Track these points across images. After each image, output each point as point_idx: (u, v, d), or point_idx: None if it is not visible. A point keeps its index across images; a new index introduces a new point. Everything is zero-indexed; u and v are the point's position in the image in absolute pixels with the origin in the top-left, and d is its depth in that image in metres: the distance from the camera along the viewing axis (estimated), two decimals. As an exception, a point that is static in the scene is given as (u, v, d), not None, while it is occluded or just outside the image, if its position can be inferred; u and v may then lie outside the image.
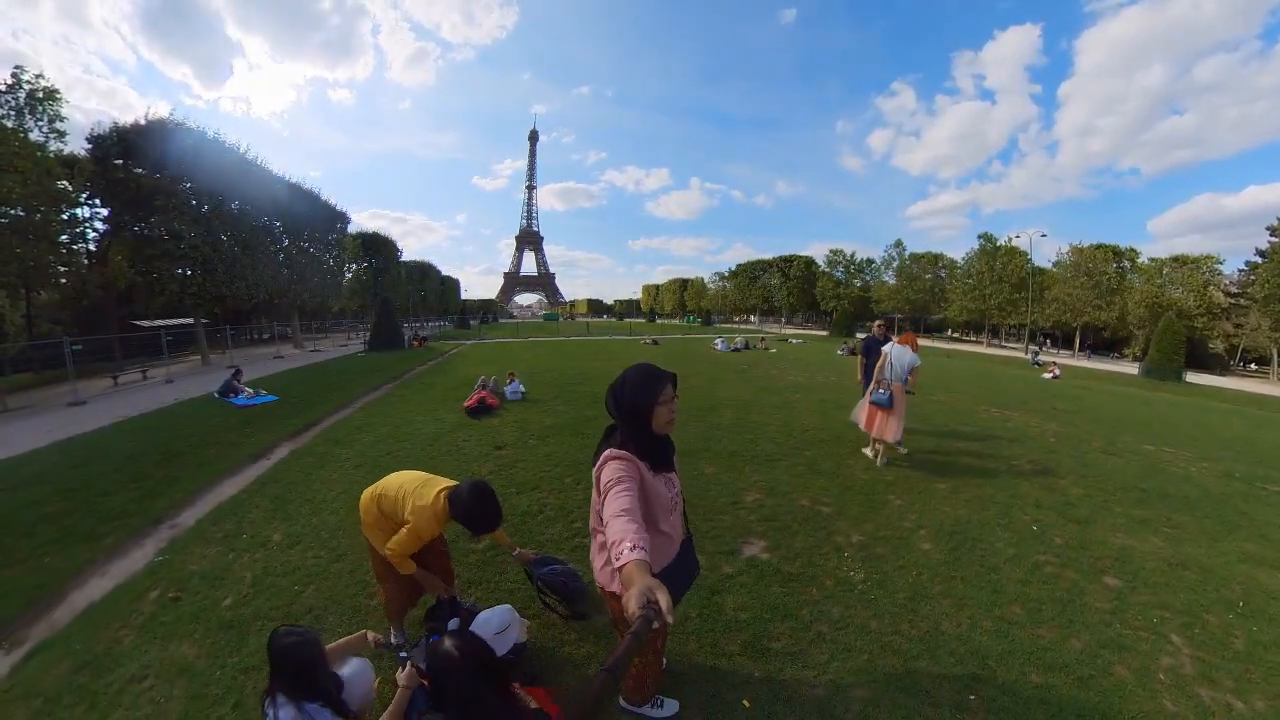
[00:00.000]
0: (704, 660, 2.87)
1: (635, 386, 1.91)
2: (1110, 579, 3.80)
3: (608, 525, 1.55)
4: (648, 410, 1.90)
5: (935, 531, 4.45)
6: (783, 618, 3.26)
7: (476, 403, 9.26)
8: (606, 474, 1.77)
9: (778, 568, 3.88)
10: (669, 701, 2.50)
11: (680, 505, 2.18)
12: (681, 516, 2.22)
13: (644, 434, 1.93)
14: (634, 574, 1.24)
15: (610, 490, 1.69)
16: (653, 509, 1.95)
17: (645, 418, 1.91)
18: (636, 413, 1.90)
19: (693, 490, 5.35)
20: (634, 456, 1.86)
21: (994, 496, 5.32)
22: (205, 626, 3.13)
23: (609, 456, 1.84)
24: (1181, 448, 8.11)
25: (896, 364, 6.05)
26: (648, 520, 1.87)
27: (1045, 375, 18.79)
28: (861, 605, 3.43)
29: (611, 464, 1.80)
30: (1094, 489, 5.74)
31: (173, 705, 2.50)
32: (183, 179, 17.00)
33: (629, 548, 1.35)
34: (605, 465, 1.82)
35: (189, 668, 2.76)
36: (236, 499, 5.30)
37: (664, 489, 2.00)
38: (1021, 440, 7.84)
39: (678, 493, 2.13)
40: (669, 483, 2.06)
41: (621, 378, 1.95)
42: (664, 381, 1.93)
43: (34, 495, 5.23)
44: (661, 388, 1.91)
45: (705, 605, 3.35)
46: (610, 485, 1.71)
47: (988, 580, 3.71)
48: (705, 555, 4.02)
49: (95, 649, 2.95)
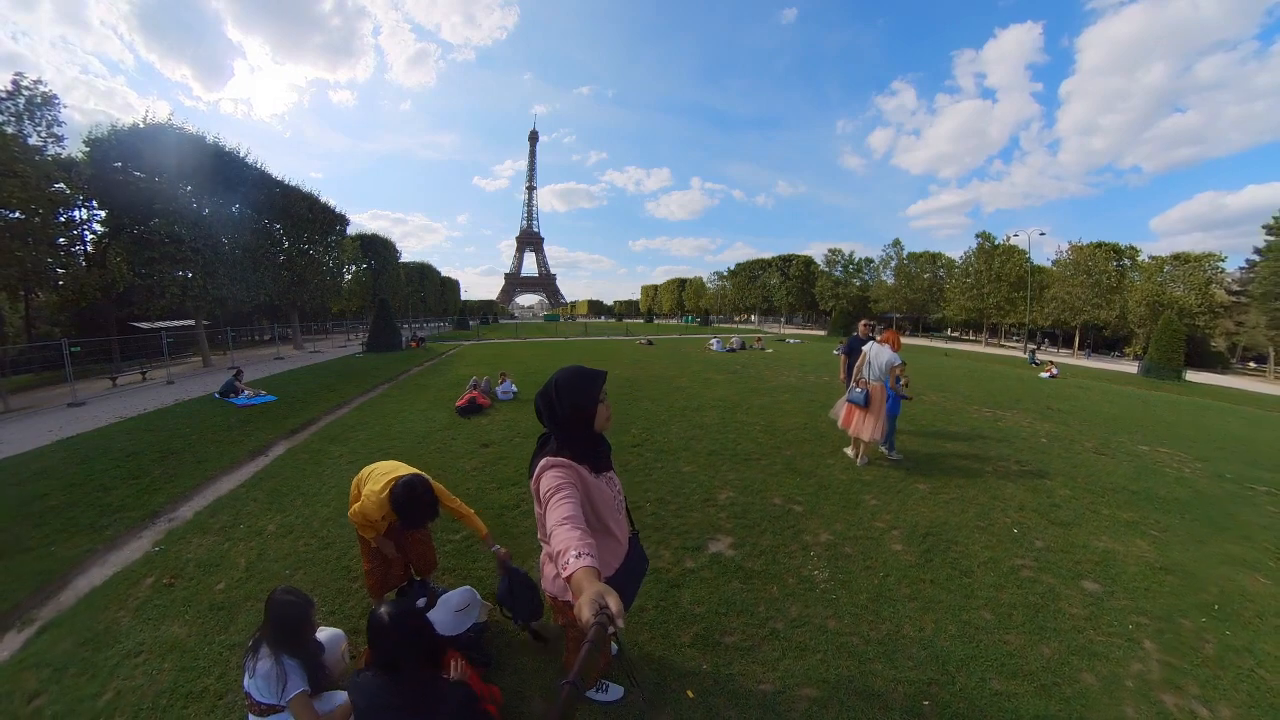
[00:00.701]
0: (654, 650, 2.90)
1: (573, 390, 1.87)
2: (1089, 584, 3.66)
3: (552, 535, 1.51)
4: (589, 412, 1.87)
5: (909, 533, 4.31)
6: (738, 613, 3.24)
7: (467, 402, 9.46)
8: (545, 483, 1.72)
9: (740, 564, 3.83)
10: (614, 686, 2.54)
11: (623, 503, 2.16)
12: (626, 514, 2.19)
13: (585, 437, 1.90)
14: (583, 581, 1.23)
15: (551, 499, 1.65)
16: (598, 511, 1.92)
17: (587, 419, 1.88)
18: (578, 416, 1.86)
19: (667, 488, 5.36)
20: (572, 461, 1.82)
21: (976, 498, 5.17)
22: (196, 609, 3.37)
23: (546, 465, 1.78)
24: (1176, 448, 7.94)
25: (875, 363, 5.96)
26: (594, 523, 1.88)
27: (1043, 374, 18.60)
28: (821, 604, 3.33)
29: (549, 473, 1.75)
30: (1082, 491, 5.59)
31: (163, 675, 2.75)
32: (182, 182, 17.06)
33: (575, 555, 1.33)
34: (543, 475, 1.76)
35: (179, 645, 3.01)
36: (234, 493, 5.54)
37: (606, 489, 1.98)
38: (1012, 441, 7.68)
39: (619, 491, 2.12)
40: (610, 482, 2.04)
41: (554, 382, 1.90)
42: (600, 381, 1.92)
43: (40, 489, 5.43)
44: (599, 387, 1.91)
45: (663, 598, 3.40)
46: (550, 494, 1.66)
47: (959, 584, 3.57)
48: (670, 550, 4.04)
49: (96, 628, 3.23)
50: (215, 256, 18.43)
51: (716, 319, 77.00)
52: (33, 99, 16.18)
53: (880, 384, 5.90)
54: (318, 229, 26.83)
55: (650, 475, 5.77)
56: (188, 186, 17.31)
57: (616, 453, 6.52)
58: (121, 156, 15.96)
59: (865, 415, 5.90)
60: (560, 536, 1.45)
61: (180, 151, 16.85)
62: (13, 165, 13.79)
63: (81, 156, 16.27)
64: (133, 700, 2.59)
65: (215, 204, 18.60)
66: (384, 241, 39.56)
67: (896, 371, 5.81)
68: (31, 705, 2.62)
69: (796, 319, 70.75)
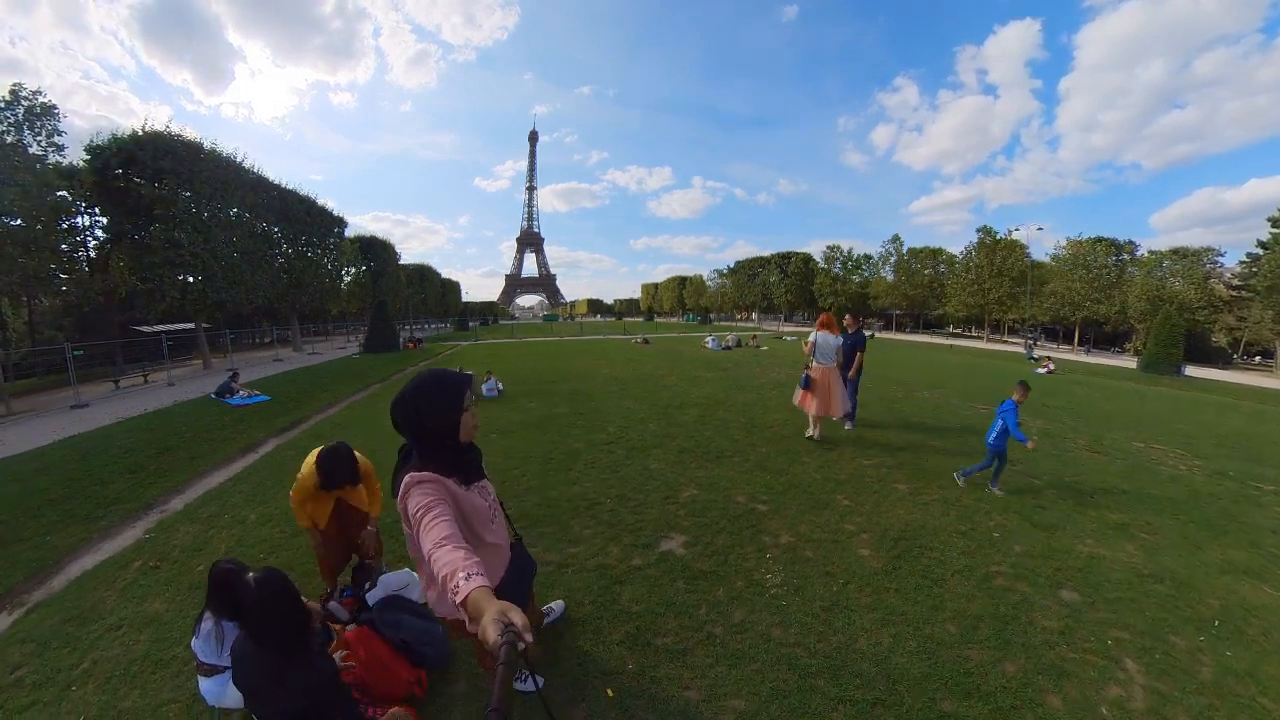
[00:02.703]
0: (583, 645, 2.82)
1: (435, 399, 1.72)
2: (1067, 593, 3.36)
3: (432, 558, 1.38)
4: (454, 422, 1.73)
5: (879, 537, 4.02)
6: (676, 614, 3.07)
7: None
8: (413, 503, 1.57)
9: (689, 564, 3.63)
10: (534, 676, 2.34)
11: (500, 511, 2.05)
12: (505, 521, 2.09)
13: (450, 448, 1.75)
14: (480, 602, 1.17)
15: (423, 520, 1.51)
16: (473, 525, 1.80)
17: (452, 430, 1.73)
18: (442, 427, 1.71)
19: (631, 485, 5.15)
20: (439, 475, 1.67)
21: (958, 500, 4.87)
22: (176, 588, 3.57)
23: (410, 483, 1.62)
24: (1173, 445, 7.64)
25: (820, 347, 6.59)
26: (471, 539, 1.75)
27: (1038, 370, 18.29)
28: (769, 611, 3.09)
29: (415, 491, 1.60)
30: (1070, 491, 5.29)
31: (139, 646, 2.93)
32: (182, 188, 17.32)
33: (465, 577, 1.25)
34: (409, 493, 1.60)
35: (157, 619, 3.19)
36: (222, 487, 5.77)
37: (479, 500, 1.86)
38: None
39: (494, 499, 2.01)
40: (483, 491, 1.92)
41: (414, 390, 1.72)
42: (463, 387, 1.78)
43: (41, 484, 5.68)
44: (462, 394, 1.76)
45: (602, 594, 3.29)
46: (421, 514, 1.52)
47: (926, 593, 3.28)
48: (620, 547, 3.87)
49: (83, 606, 3.41)
50: (214, 260, 18.62)
51: (716, 317, 76.60)
52: (32, 109, 16.45)
53: (828, 366, 6.55)
54: (316, 231, 27.06)
55: (617, 472, 5.53)
56: (186, 192, 17.54)
57: (589, 451, 6.44)
58: (122, 164, 16.14)
59: (809, 395, 6.59)
60: (443, 560, 1.34)
61: (178, 158, 17.08)
62: (14, 174, 14.08)
63: (83, 164, 16.41)
64: (107, 668, 2.77)
65: (213, 208, 18.81)
66: (383, 244, 39.55)
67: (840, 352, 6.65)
68: (13, 675, 2.77)
69: (797, 316, 70.31)
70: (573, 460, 6.02)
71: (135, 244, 16.87)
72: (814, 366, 6.56)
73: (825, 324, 6.72)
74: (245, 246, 20.76)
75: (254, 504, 5.06)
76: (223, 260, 19.15)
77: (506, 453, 6.43)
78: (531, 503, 4.80)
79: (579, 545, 3.95)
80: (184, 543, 4.28)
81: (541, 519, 4.45)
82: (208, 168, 18.48)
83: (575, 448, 6.53)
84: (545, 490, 5.09)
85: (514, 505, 4.76)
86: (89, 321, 23.14)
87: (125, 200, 16.24)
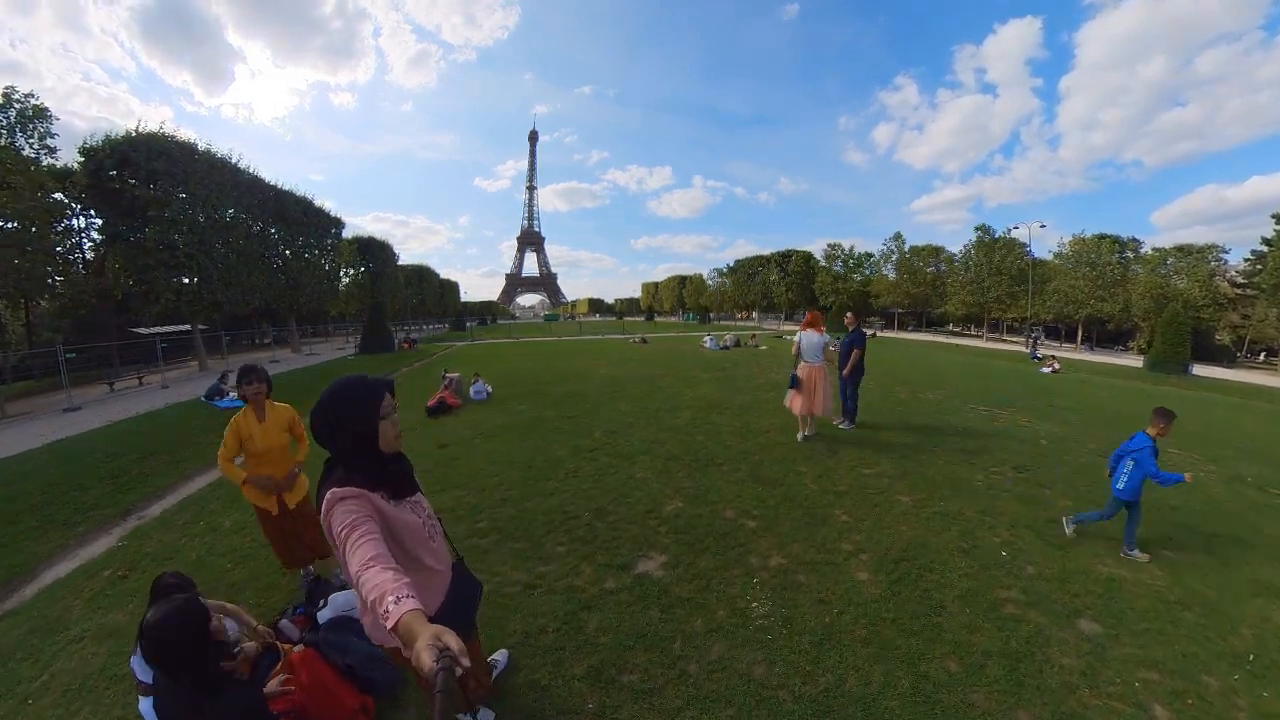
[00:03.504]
0: (541, 678, 2.60)
1: (349, 405, 1.60)
2: (1087, 623, 3.03)
3: (360, 581, 1.27)
4: (371, 430, 1.60)
5: (879, 557, 3.69)
6: (648, 647, 2.77)
7: (437, 403, 9.39)
8: (337, 521, 1.44)
9: (666, 588, 3.30)
10: (485, 711, 2.32)
11: (439, 527, 1.90)
12: (444, 539, 1.93)
13: (371, 459, 1.62)
14: (413, 627, 1.11)
15: (348, 540, 1.38)
16: (406, 545, 1.65)
17: (370, 440, 1.60)
18: (358, 436, 1.59)
19: (612, 496, 4.83)
20: (364, 490, 1.54)
21: (962, 512, 4.54)
22: (141, 598, 3.32)
23: (333, 500, 1.48)
24: (1186, 448, 7.30)
25: (805, 347, 6.65)
26: (405, 558, 1.62)
27: (1044, 369, 17.93)
28: (752, 645, 2.77)
29: (338, 508, 1.46)
30: (1084, 501, 4.96)
31: (97, 659, 2.89)
32: (177, 189, 17.28)
33: (394, 601, 1.17)
34: (332, 511, 1.47)
35: (118, 631, 3.13)
36: (201, 493, 5.68)
37: (412, 516, 1.70)
38: (1008, 443, 7.04)
39: (429, 515, 1.85)
40: (416, 507, 1.76)
41: (329, 396, 1.60)
42: (380, 392, 1.64)
43: (21, 489, 5.69)
44: (379, 400, 1.63)
45: (567, 620, 3.02)
46: (345, 534, 1.40)
47: (927, 623, 2.96)
48: (592, 567, 3.56)
49: (50, 616, 3.38)
50: (209, 262, 18.60)
51: (716, 316, 76.17)
52: (24, 111, 16.29)
53: (817, 365, 6.56)
54: (313, 232, 26.99)
55: (599, 483, 5.21)
56: (181, 193, 17.50)
57: (572, 458, 6.08)
58: (115, 165, 16.07)
59: (797, 395, 6.63)
60: (371, 582, 1.24)
61: (172, 159, 17.01)
62: (6, 177, 14.03)
63: (77, 166, 16.34)
64: (64, 682, 2.72)
65: (209, 210, 18.76)
66: (381, 244, 39.43)
67: (829, 350, 6.69)
68: (-28, 689, 2.66)
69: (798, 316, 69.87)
70: (554, 468, 5.71)
71: (130, 245, 16.78)
72: (801, 366, 6.65)
73: (810, 323, 6.80)
74: (241, 248, 20.72)
75: (230, 510, 4.96)
76: (218, 262, 19.12)
77: (488, 458, 6.17)
78: (505, 515, 4.50)
79: (550, 564, 3.64)
80: (155, 550, 4.25)
81: (513, 533, 4.15)
82: (202, 168, 18.43)
83: (559, 454, 6.22)
84: (521, 501, 4.79)
85: (486, 517, 4.50)
86: (87, 323, 23.19)
87: (120, 202, 16.19)
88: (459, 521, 4.44)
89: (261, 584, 3.59)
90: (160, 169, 16.61)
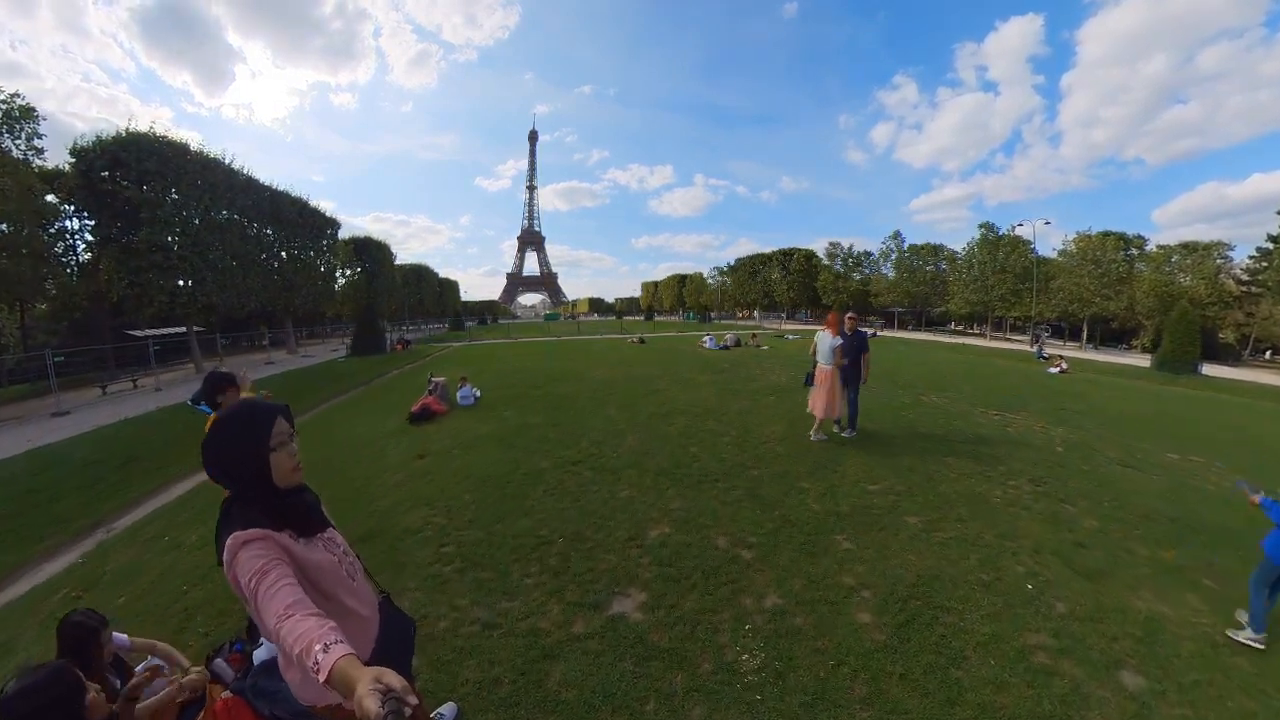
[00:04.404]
0: None
1: (234, 437, 1.43)
2: (1129, 675, 2.62)
3: (280, 633, 1.11)
4: (260, 463, 1.42)
5: (885, 594, 3.26)
6: (615, 708, 2.38)
7: (420, 409, 9.07)
8: (244, 569, 1.25)
9: (644, 635, 2.87)
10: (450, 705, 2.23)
11: (358, 565, 1.67)
12: (365, 577, 1.69)
13: (268, 496, 1.44)
14: (348, 673, 0.99)
15: (259, 590, 1.20)
16: (323, 587, 1.45)
17: (262, 474, 1.43)
18: (248, 471, 1.42)
19: (592, 519, 4.37)
20: (268, 531, 1.36)
21: (980, 536, 4.11)
22: None
23: (236, 545, 1.30)
24: (1209, 455, 6.89)
25: (820, 348, 6.63)
26: (325, 602, 1.42)
27: (1051, 370, 17.49)
28: (738, 707, 2.38)
29: (244, 554, 1.28)
30: (1111, 519, 4.55)
31: None
32: (169, 190, 17.11)
33: (323, 649, 1.03)
34: (236, 560, 1.28)
35: None
36: (172, 505, 5.55)
37: (325, 555, 1.50)
38: (1023, 450, 6.64)
39: (345, 550, 1.62)
40: (329, 544, 1.56)
41: (214, 428, 1.44)
42: (270, 419, 1.46)
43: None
44: (269, 428, 1.45)
45: (526, 670, 2.66)
46: (255, 582, 1.21)
47: (942, 679, 2.54)
48: (561, 605, 3.14)
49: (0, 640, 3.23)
50: (203, 263, 18.46)
51: (717, 316, 75.68)
52: (10, 112, 16.09)
53: (827, 366, 6.51)
54: (309, 233, 26.82)
55: (578, 502, 4.78)
56: (174, 194, 17.34)
57: (554, 471, 5.56)
58: (106, 166, 15.91)
59: (813, 395, 6.70)
60: (294, 633, 1.09)
61: (163, 159, 16.81)
62: None
63: (68, 168, 16.20)
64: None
65: (202, 211, 18.60)
66: (377, 244, 39.16)
67: (839, 354, 6.51)
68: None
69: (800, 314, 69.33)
70: (533, 483, 5.29)
71: (121, 248, 16.56)
72: (818, 367, 6.70)
73: (828, 324, 6.74)
74: (236, 249, 20.57)
75: (199, 523, 4.76)
76: (213, 264, 18.94)
77: (464, 472, 5.77)
78: (472, 538, 4.09)
79: (515, 598, 3.24)
80: (115, 568, 4.10)
81: (478, 560, 3.74)
82: (195, 169, 18.21)
83: (540, 467, 5.80)
84: (491, 523, 4.37)
85: (453, 540, 4.10)
86: (83, 326, 23.13)
87: (112, 203, 16.00)
88: (424, 545, 4.08)
89: (216, 609, 3.36)
90: (151, 169, 16.38)
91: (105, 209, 16.16)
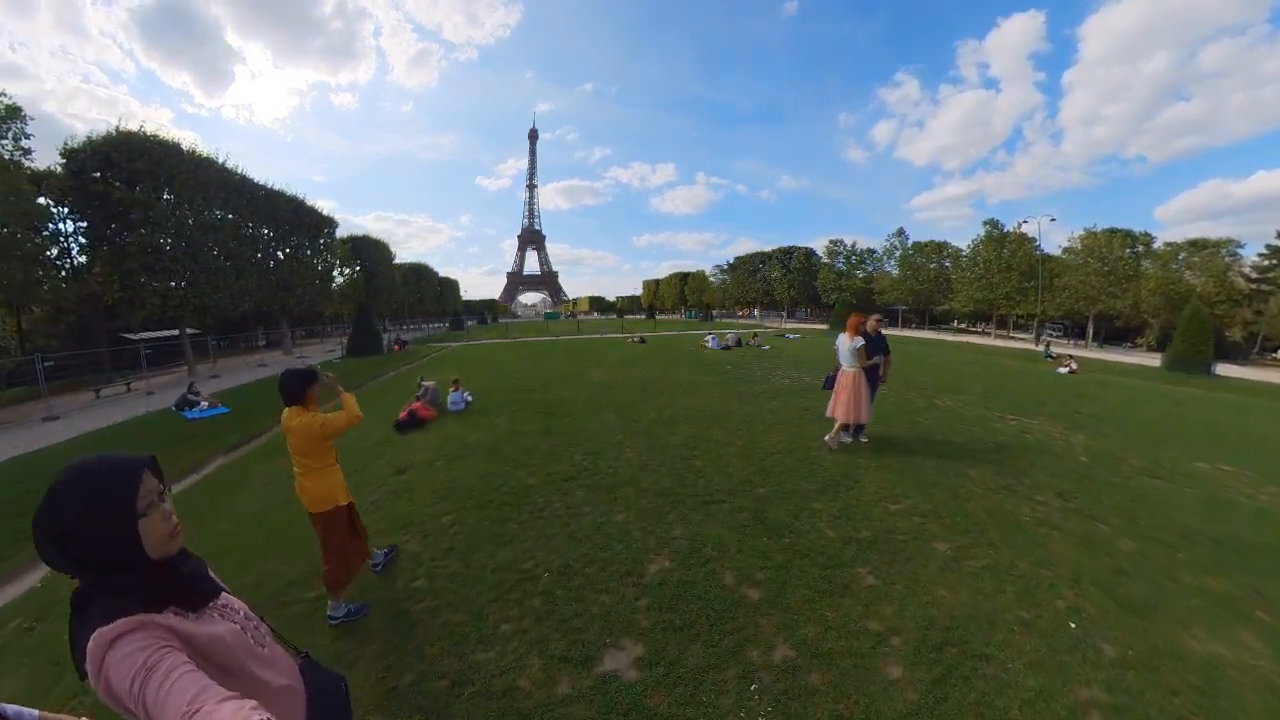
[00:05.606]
0: None
1: (88, 509, 1.02)
2: (1202, 743, 2.25)
3: None
4: (128, 535, 1.04)
5: (916, 640, 2.89)
6: None
7: (407, 415, 8.62)
8: (118, 673, 0.92)
9: (639, 699, 2.48)
10: None
11: (264, 627, 1.33)
12: (275, 639, 1.36)
13: (142, 573, 1.07)
14: None
15: (147, 690, 0.90)
16: (228, 662, 1.11)
17: (132, 548, 1.05)
18: (111, 550, 1.03)
19: (582, 550, 3.96)
20: (147, 616, 1.02)
21: (1014, 564, 3.73)
22: (37, 660, 3.03)
23: (102, 646, 0.95)
24: (1239, 464, 6.51)
25: (841, 350, 6.54)
26: (234, 682, 1.06)
27: (1060, 369, 17.09)
28: None
29: (115, 656, 0.94)
30: (1149, 540, 4.19)
31: None
32: (161, 190, 16.86)
33: None
34: (106, 663, 0.94)
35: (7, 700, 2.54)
36: None
37: (223, 625, 1.17)
38: (1046, 460, 6.27)
39: (246, 615, 1.29)
40: (226, 611, 1.23)
41: (58, 498, 1.01)
42: (135, 477, 1.08)
43: None
44: (134, 489, 1.07)
45: None
46: (143, 681, 0.91)
47: (992, 758, 2.17)
48: (543, 659, 2.74)
49: None
50: (196, 265, 18.21)
51: (718, 314, 75.22)
52: None
53: (849, 370, 6.38)
54: (306, 233, 26.48)
55: (567, 528, 4.36)
56: (167, 194, 17.08)
57: (543, 489, 4.98)
58: (97, 166, 15.67)
59: (837, 397, 6.52)
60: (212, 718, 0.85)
61: (154, 159, 16.54)
62: None
63: (59, 168, 15.89)
64: None
65: (195, 211, 18.38)
66: (375, 243, 38.83)
67: (861, 355, 6.38)
68: None
69: (800, 313, 68.89)
70: (519, 503, 4.90)
71: (113, 249, 16.28)
72: (841, 370, 6.57)
73: (850, 325, 6.56)
74: (230, 249, 20.31)
75: None
76: (206, 264, 18.68)
77: (446, 488, 5.38)
78: (446, 572, 3.71)
79: (489, 649, 2.86)
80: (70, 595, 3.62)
81: (450, 600, 3.35)
82: (187, 169, 17.92)
83: (528, 484, 5.42)
84: (469, 552, 3.98)
85: (425, 572, 3.76)
86: (79, 329, 22.90)
87: (104, 204, 15.71)
88: (395, 577, 3.73)
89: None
90: (142, 169, 16.08)
91: (97, 210, 15.89)
